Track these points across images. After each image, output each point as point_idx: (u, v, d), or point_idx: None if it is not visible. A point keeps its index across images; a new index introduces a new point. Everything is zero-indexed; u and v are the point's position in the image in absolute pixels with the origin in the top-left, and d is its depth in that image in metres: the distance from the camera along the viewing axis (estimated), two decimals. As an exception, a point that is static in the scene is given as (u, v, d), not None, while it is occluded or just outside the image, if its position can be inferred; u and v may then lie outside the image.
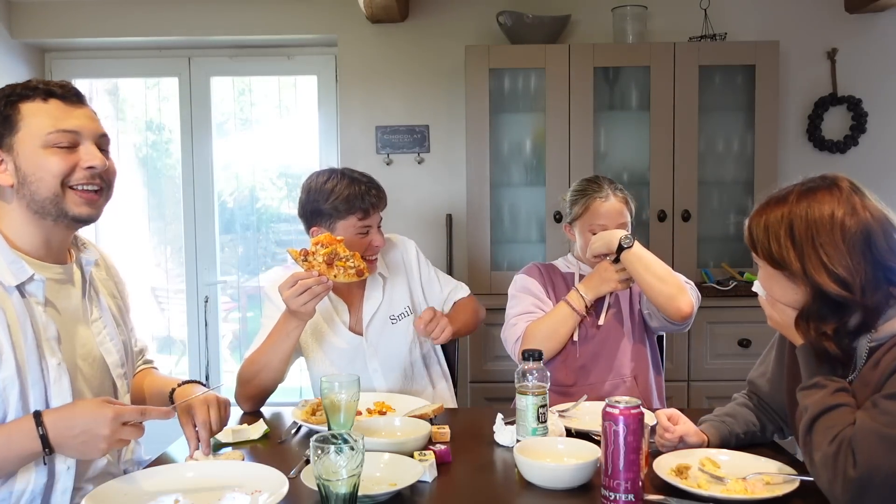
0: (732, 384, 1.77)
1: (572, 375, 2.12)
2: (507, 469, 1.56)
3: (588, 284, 2.09)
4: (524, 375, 1.62)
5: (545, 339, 2.06)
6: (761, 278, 1.41)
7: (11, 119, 1.41)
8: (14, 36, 3.74)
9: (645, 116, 3.41)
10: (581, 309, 2.08)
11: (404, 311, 2.16)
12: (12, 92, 1.43)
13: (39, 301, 1.42)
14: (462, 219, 3.63)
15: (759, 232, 1.35)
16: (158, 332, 4.24)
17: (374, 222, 2.07)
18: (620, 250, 2.01)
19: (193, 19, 3.75)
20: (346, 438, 1.22)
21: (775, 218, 1.33)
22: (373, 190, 2.05)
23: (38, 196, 1.42)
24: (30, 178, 1.41)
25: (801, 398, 1.34)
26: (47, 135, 1.41)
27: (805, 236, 1.29)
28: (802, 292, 1.32)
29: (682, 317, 2.01)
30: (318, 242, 1.82)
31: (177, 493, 1.35)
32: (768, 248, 1.33)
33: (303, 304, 1.79)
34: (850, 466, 1.20)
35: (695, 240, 3.36)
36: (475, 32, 3.68)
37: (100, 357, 1.53)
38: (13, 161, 1.41)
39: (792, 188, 1.36)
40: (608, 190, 2.14)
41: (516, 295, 2.20)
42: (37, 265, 1.44)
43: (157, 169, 4.13)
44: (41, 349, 1.40)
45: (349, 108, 3.76)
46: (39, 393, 1.39)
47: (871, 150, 3.67)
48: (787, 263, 1.31)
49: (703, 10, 3.55)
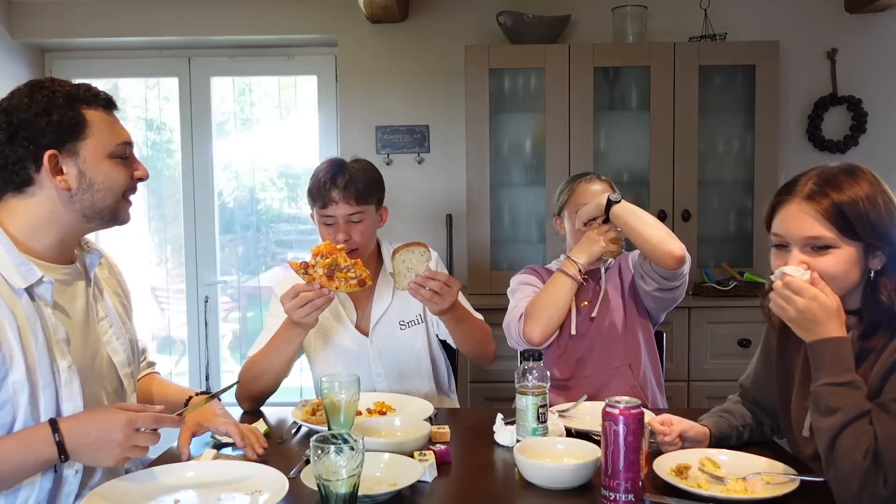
0: (732, 384, 1.77)
1: (569, 369, 2.13)
2: (507, 469, 1.56)
3: (579, 249, 2.10)
4: (524, 375, 1.62)
5: (545, 309, 2.07)
6: (837, 265, 1.34)
7: (80, 125, 1.40)
8: (14, 36, 3.74)
9: (645, 116, 3.41)
10: (576, 275, 2.08)
11: (415, 319, 2.12)
12: (74, 94, 1.42)
13: (48, 303, 1.41)
14: (462, 219, 3.63)
15: (860, 211, 1.32)
16: (158, 332, 4.24)
17: (338, 214, 1.99)
18: (609, 207, 2.02)
19: (193, 19, 3.75)
20: (346, 438, 1.22)
21: (865, 194, 1.33)
22: (339, 181, 1.97)
23: (99, 204, 1.44)
24: (95, 186, 1.42)
25: (830, 395, 1.29)
26: (116, 146, 1.44)
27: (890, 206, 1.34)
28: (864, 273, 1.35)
29: (676, 259, 1.98)
30: (318, 253, 1.79)
31: (177, 493, 1.35)
32: (872, 225, 1.32)
33: (304, 315, 1.79)
34: (881, 484, 1.21)
35: (695, 240, 3.36)
36: (475, 32, 3.68)
37: (107, 356, 1.53)
38: (77, 167, 1.41)
39: (840, 167, 1.38)
40: (591, 175, 2.24)
41: (516, 288, 2.23)
42: (44, 266, 1.43)
43: (158, 169, 4.12)
44: (52, 352, 1.39)
45: (349, 108, 3.76)
46: (50, 396, 1.37)
47: (872, 150, 3.67)
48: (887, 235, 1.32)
49: (703, 10, 3.55)
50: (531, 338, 2.06)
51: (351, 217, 2.00)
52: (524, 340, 2.08)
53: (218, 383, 4.04)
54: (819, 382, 1.32)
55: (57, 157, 1.39)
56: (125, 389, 1.57)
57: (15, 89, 1.43)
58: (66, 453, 1.30)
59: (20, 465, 1.31)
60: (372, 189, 2.02)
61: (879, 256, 1.34)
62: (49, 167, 1.39)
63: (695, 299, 3.21)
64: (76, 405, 1.40)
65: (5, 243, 1.39)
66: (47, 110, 1.38)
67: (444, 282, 1.82)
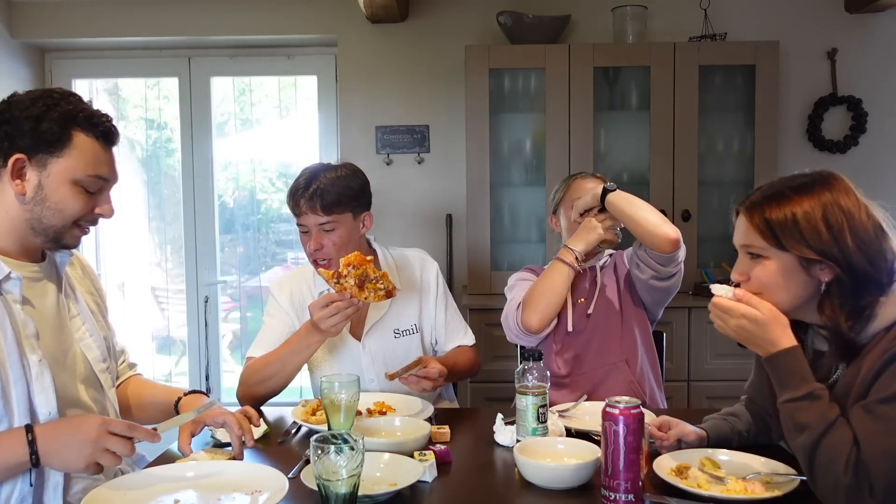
0: (732, 384, 1.77)
1: (566, 366, 2.13)
2: (507, 469, 1.56)
3: (576, 238, 2.10)
4: (524, 375, 1.62)
5: (542, 296, 2.07)
6: (769, 274, 1.36)
7: (63, 142, 1.40)
8: (14, 36, 3.74)
9: (645, 116, 3.42)
10: (573, 262, 2.08)
11: (410, 329, 2.12)
12: (73, 115, 1.41)
13: (17, 299, 1.42)
14: (462, 219, 3.63)
15: (789, 224, 1.32)
16: (158, 332, 4.24)
17: (308, 224, 1.98)
18: (605, 196, 2.05)
19: (193, 19, 3.75)
20: (346, 438, 1.22)
21: (809, 208, 1.32)
22: (306, 191, 1.96)
23: (45, 221, 1.43)
24: (47, 203, 1.42)
25: (794, 412, 1.28)
26: (85, 175, 1.42)
27: (839, 222, 1.30)
28: (813, 284, 1.33)
29: (671, 242, 1.98)
30: (350, 264, 1.79)
31: (177, 493, 1.35)
32: (805, 239, 1.30)
33: (334, 324, 1.81)
34: (867, 495, 1.20)
35: (695, 240, 3.36)
36: (475, 32, 3.68)
37: (80, 352, 1.53)
38: (39, 178, 1.41)
39: (802, 180, 1.37)
40: (585, 173, 2.28)
41: (514, 285, 2.23)
42: (12, 264, 1.43)
43: (158, 169, 4.13)
44: (21, 346, 1.40)
45: (349, 108, 3.76)
46: (22, 390, 1.38)
47: (871, 150, 3.67)
48: (826, 250, 1.29)
49: (703, 10, 3.55)
50: (529, 325, 2.07)
51: (322, 226, 1.98)
52: (522, 330, 2.09)
53: (218, 383, 4.04)
54: (781, 400, 1.31)
55: (24, 163, 1.40)
56: (102, 385, 1.57)
57: (34, 89, 1.45)
58: (37, 453, 1.29)
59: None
60: (343, 199, 1.97)
61: (825, 270, 1.31)
62: (10, 169, 1.40)
63: (695, 299, 3.21)
64: (48, 398, 1.41)
65: None
66: (38, 118, 1.39)
67: (434, 378, 1.88)
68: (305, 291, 2.11)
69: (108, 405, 1.58)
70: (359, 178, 2.05)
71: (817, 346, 1.43)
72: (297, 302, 2.09)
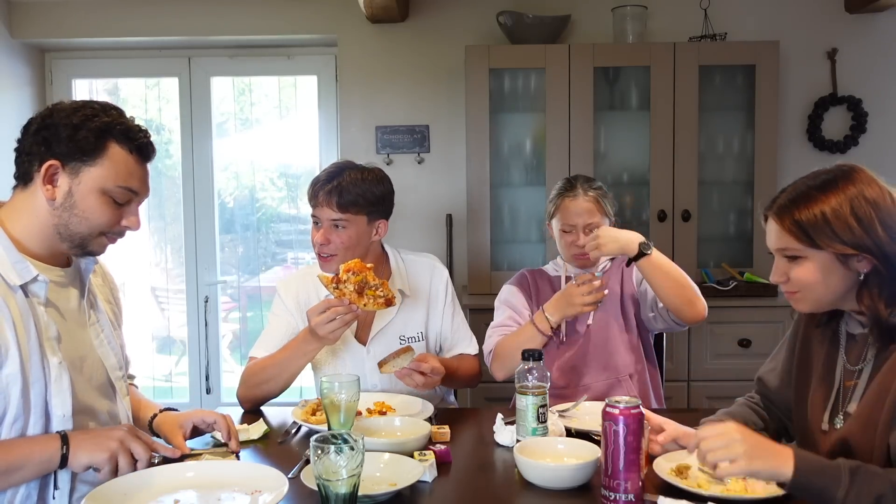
0: (732, 384, 1.77)
1: (563, 377, 2.12)
2: (507, 469, 1.56)
3: (555, 306, 2.03)
4: (524, 375, 1.62)
5: (509, 356, 2.05)
6: (808, 273, 1.36)
7: (97, 152, 1.42)
8: (14, 36, 3.74)
9: (645, 116, 3.41)
10: (546, 330, 2.03)
11: (416, 336, 2.11)
12: (110, 127, 1.44)
13: (41, 301, 1.45)
14: (462, 219, 3.63)
15: (820, 223, 1.33)
16: (158, 332, 4.24)
17: (322, 217, 1.98)
18: (640, 255, 1.95)
19: (193, 19, 3.75)
20: (346, 438, 1.22)
21: (836, 204, 1.33)
22: (328, 184, 1.97)
23: (71, 228, 1.45)
24: (75, 211, 1.43)
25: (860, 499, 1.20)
26: (114, 186, 1.44)
27: (867, 213, 1.32)
28: (852, 276, 1.35)
29: (700, 319, 2.00)
30: (350, 270, 1.79)
31: (177, 493, 1.35)
32: (837, 236, 1.32)
33: (331, 330, 1.80)
34: None
35: (695, 240, 3.36)
36: (475, 32, 3.68)
37: (98, 359, 1.55)
38: (70, 185, 1.43)
39: (824, 178, 1.38)
40: (579, 189, 2.13)
41: (499, 307, 2.23)
42: (41, 267, 1.46)
43: (158, 169, 4.12)
44: (43, 348, 1.42)
45: (349, 107, 3.76)
46: (40, 391, 1.41)
47: (871, 150, 3.67)
48: (860, 242, 1.31)
49: (703, 10, 3.55)
50: (496, 377, 2.12)
51: (334, 222, 1.98)
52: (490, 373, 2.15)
53: (218, 383, 4.04)
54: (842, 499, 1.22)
55: (57, 168, 1.42)
56: (117, 392, 1.59)
57: (81, 99, 1.49)
58: (68, 444, 1.35)
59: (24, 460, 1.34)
60: (361, 201, 1.97)
61: (863, 262, 1.33)
62: (43, 173, 1.42)
63: (695, 299, 3.21)
64: (64, 401, 1.43)
65: (4, 243, 1.43)
66: (77, 127, 1.41)
67: (428, 373, 1.87)
68: (311, 292, 2.09)
69: (122, 413, 1.60)
70: (383, 185, 2.04)
71: (851, 329, 1.45)
72: (302, 302, 2.07)
